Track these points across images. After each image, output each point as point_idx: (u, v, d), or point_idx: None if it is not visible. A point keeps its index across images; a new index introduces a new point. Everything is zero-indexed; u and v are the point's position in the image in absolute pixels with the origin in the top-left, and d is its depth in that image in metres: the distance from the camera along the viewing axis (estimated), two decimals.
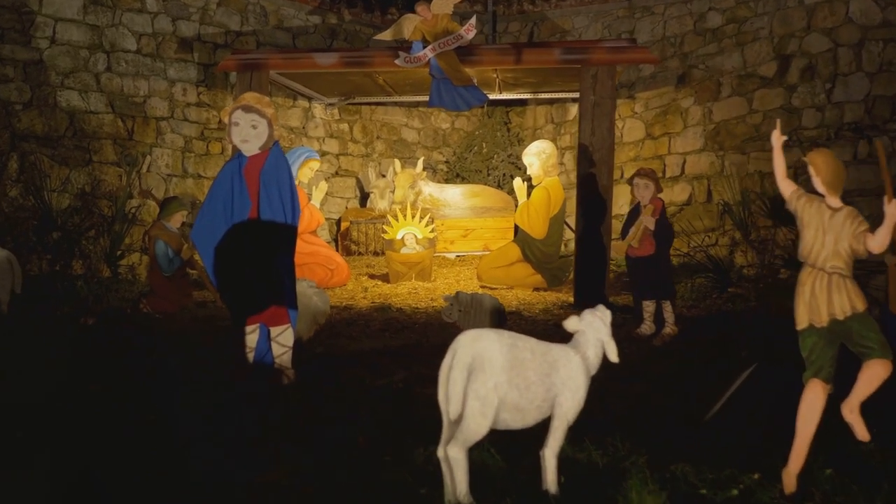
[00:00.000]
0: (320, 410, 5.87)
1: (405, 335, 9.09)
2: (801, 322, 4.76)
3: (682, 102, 14.61)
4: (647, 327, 9.08)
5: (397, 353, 7.94)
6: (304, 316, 7.54)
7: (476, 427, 4.24)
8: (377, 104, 17.41)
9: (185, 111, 14.44)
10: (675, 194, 14.37)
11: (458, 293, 8.47)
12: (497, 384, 4.25)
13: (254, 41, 15.33)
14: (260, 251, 6.41)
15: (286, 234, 6.56)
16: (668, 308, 9.03)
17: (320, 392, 6.33)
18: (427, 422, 5.03)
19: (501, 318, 8.56)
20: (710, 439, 5.33)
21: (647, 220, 8.87)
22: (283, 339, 6.64)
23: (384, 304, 10.97)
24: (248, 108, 6.48)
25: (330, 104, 16.61)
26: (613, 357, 4.68)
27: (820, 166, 4.89)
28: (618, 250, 9.22)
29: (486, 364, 4.27)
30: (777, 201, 11.65)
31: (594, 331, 4.67)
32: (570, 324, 4.64)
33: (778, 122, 5.69)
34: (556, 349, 4.55)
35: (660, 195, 9.06)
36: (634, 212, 9.12)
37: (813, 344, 4.73)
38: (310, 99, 16.33)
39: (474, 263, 14.44)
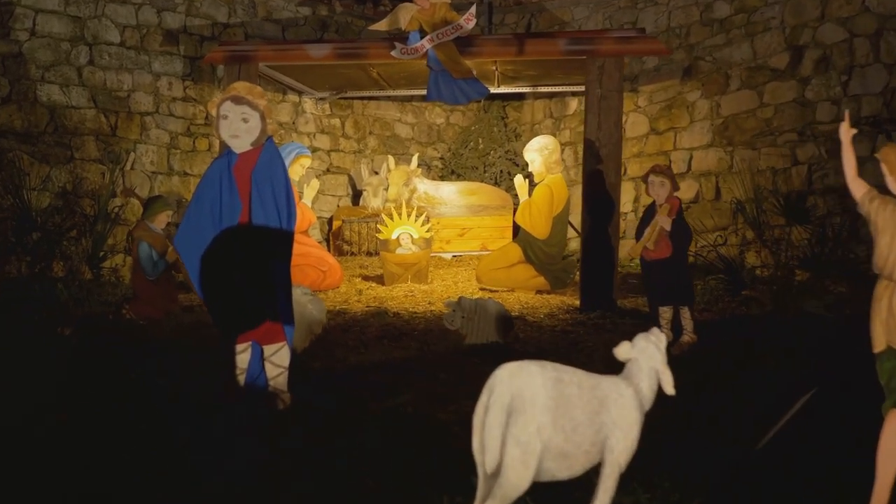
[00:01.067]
0: (320, 443, 5.22)
1: (404, 343, 8.55)
2: (878, 344, 4.16)
3: (689, 96, 14.08)
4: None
5: (399, 366, 7.37)
6: (298, 326, 6.97)
7: (517, 479, 3.61)
8: (370, 98, 16.99)
9: (171, 106, 13.97)
10: (682, 192, 12.94)
11: (460, 299, 8.05)
12: (540, 427, 3.64)
13: (242, 33, 14.89)
14: (252, 259, 5.74)
15: (281, 241, 5.87)
16: (686, 314, 8.49)
17: (319, 417, 5.69)
18: (445, 458, 4.45)
19: (507, 326, 8.12)
20: (764, 475, 4.74)
21: (663, 221, 8.30)
22: (277, 359, 5.96)
23: (380, 309, 10.45)
24: (238, 100, 5.84)
25: (321, 99, 16.20)
26: (669, 389, 4.04)
27: (894, 163, 4.25)
28: (632, 252, 8.69)
29: (528, 404, 3.66)
30: (791, 199, 11.49)
31: (648, 359, 4.07)
32: (622, 351, 4.07)
33: (847, 112, 5.04)
34: (606, 382, 3.96)
35: (676, 193, 8.48)
36: (649, 212, 8.56)
37: (892, 369, 4.11)
38: (300, 93, 15.92)
39: (472, 264, 14.09)
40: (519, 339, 8.72)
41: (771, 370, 6.99)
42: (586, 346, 8.49)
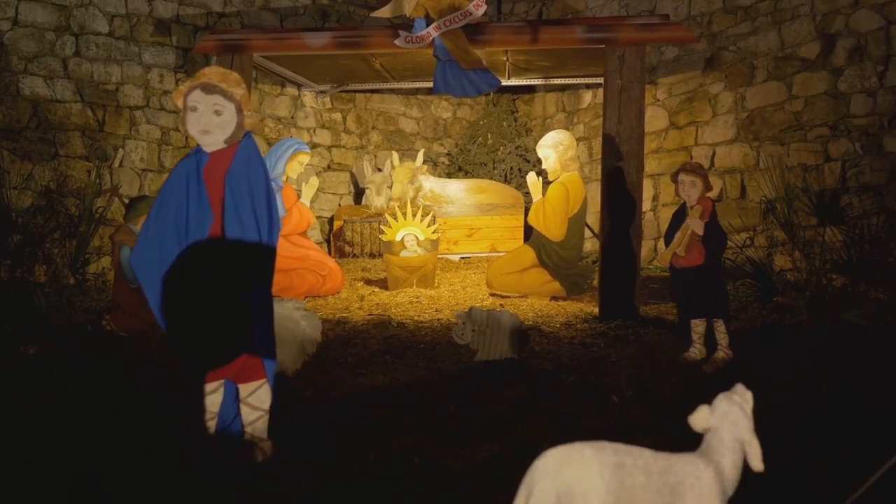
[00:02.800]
0: None
1: (410, 359, 7.78)
2: None
3: (711, 88, 13.40)
4: (696, 351, 7.74)
5: (404, 392, 6.50)
6: (290, 345, 6.26)
7: None
8: (373, 91, 16.47)
9: (163, 100, 13.31)
10: None
11: (471, 309, 7.28)
12: None
13: (238, 23, 14.28)
14: (225, 280, 4.80)
15: (260, 257, 4.95)
16: (720, 328, 7.68)
17: (307, 472, 4.74)
18: None
19: (523, 340, 7.36)
20: None
21: (695, 224, 7.52)
22: (256, 400, 4.97)
23: (383, 318, 9.77)
24: (209, 88, 4.90)
25: (321, 92, 15.69)
26: (758, 464, 3.03)
27: None
28: (661, 260, 7.90)
29: (581, 503, 2.78)
30: (824, 197, 10.68)
31: (732, 427, 3.06)
32: (700, 420, 3.08)
33: None
34: (680, 463, 3.00)
35: (709, 194, 7.70)
36: (680, 214, 7.78)
37: None
38: (299, 86, 15.41)
39: (481, 267, 13.59)
40: (535, 353, 7.98)
41: (826, 396, 6.25)
42: (609, 361, 7.75)
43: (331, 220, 15.73)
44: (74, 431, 5.33)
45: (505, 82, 14.13)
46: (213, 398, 4.97)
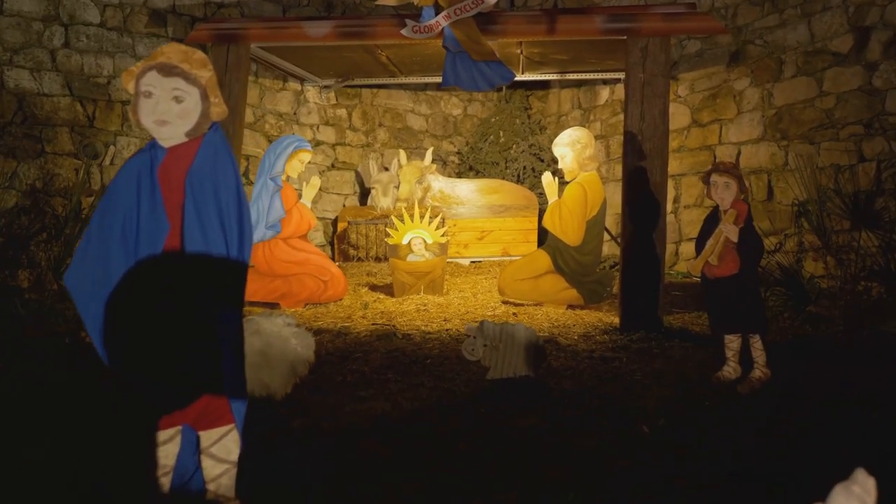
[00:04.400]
0: None
1: (415, 377, 7.07)
2: None
3: (736, 84, 12.85)
4: (730, 370, 7.08)
5: (407, 421, 5.75)
6: (278, 366, 5.55)
7: None
8: (379, 87, 16.08)
9: None
10: None
11: (482, 323, 6.63)
12: None
13: (237, 14, 13.73)
14: (183, 305, 3.95)
15: (228, 277, 4.10)
16: (757, 344, 7.01)
17: None
18: None
19: (539, 357, 6.71)
20: None
21: (729, 230, 6.87)
22: (221, 451, 4.12)
23: (387, 329, 9.14)
24: (167, 69, 4.07)
25: (325, 87, 15.28)
26: None
27: None
28: (692, 268, 7.21)
29: None
30: (858, 199, 10.07)
31: None
32: None
33: None
34: None
35: (743, 196, 7.03)
36: (712, 219, 7.15)
37: None
38: (302, 80, 14.95)
39: (493, 272, 13.10)
40: (552, 369, 7.31)
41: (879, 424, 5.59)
42: (634, 379, 7.09)
43: (335, 222, 15.36)
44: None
45: (518, 77, 13.65)
46: (168, 449, 4.12)
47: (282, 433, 5.22)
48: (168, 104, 4.08)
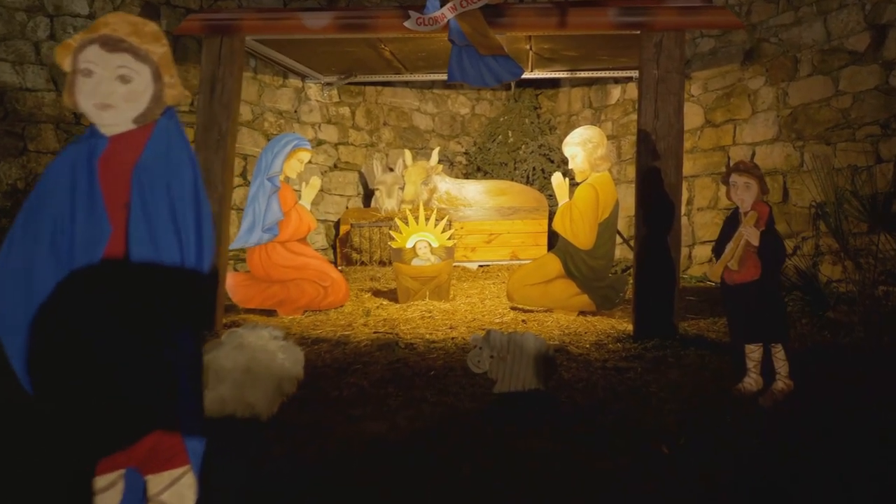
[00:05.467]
0: None
1: (417, 391, 6.65)
2: None
3: (751, 83, 12.68)
4: (752, 381, 6.70)
5: (406, 444, 5.28)
6: (263, 383, 5.10)
7: None
8: (384, 84, 15.86)
9: None
10: None
11: (489, 333, 6.22)
12: None
13: (235, 5, 13.47)
14: (128, 323, 3.35)
15: (184, 289, 3.48)
16: (779, 354, 6.63)
17: None
18: None
19: (549, 368, 6.28)
20: None
21: (750, 233, 6.48)
22: (173, 498, 3.50)
23: (389, 337, 8.76)
24: (111, 43, 3.52)
25: (328, 83, 15.02)
26: None
27: None
28: (712, 274, 6.87)
29: None
30: (876, 200, 10.04)
31: None
32: None
33: None
34: None
35: (765, 197, 6.65)
36: (732, 221, 6.78)
37: None
38: (303, 77, 14.72)
39: (501, 276, 12.93)
40: (563, 381, 6.92)
41: None
42: (649, 391, 6.70)
43: (337, 224, 15.13)
44: None
45: (528, 75, 13.55)
46: (107, 498, 3.52)
47: (261, 464, 4.75)
48: (112, 84, 3.54)
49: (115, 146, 3.54)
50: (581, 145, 10.29)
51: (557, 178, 10.57)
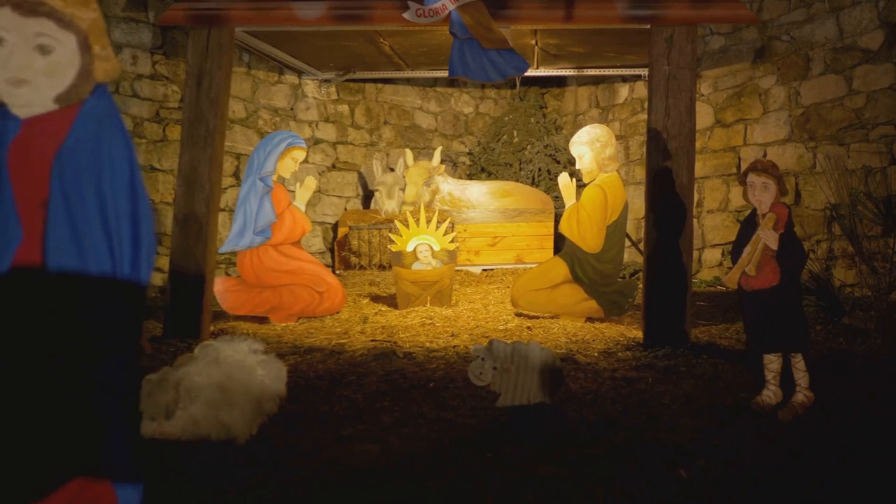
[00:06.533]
0: None
1: (414, 405, 6.25)
2: None
3: (762, 82, 12.43)
4: (770, 394, 6.37)
5: (400, 468, 4.79)
6: (241, 403, 4.63)
7: None
8: (385, 81, 15.59)
9: (136, 85, 11.99)
10: None
11: (492, 343, 5.79)
12: None
13: None
14: (45, 346, 2.82)
15: (115, 305, 2.95)
16: (799, 364, 6.32)
17: None
18: None
19: (556, 381, 5.84)
20: None
21: (768, 236, 6.15)
22: None
23: (387, 347, 8.40)
24: (27, 6, 2.96)
25: (325, 80, 14.75)
26: None
27: None
28: (729, 280, 6.49)
29: None
30: (891, 202, 9.91)
31: None
32: None
33: None
34: None
35: (784, 198, 6.34)
36: (749, 224, 6.45)
37: None
38: (300, 73, 14.38)
39: (505, 281, 12.67)
40: (571, 393, 6.56)
41: None
42: (662, 403, 6.37)
43: (335, 227, 14.84)
44: None
45: (533, 73, 13.46)
46: None
47: (241, 489, 4.31)
48: (28, 56, 3.01)
49: (31, 130, 3.02)
50: (589, 145, 10.06)
51: (564, 179, 10.33)
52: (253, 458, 4.62)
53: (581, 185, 10.40)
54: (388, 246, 11.56)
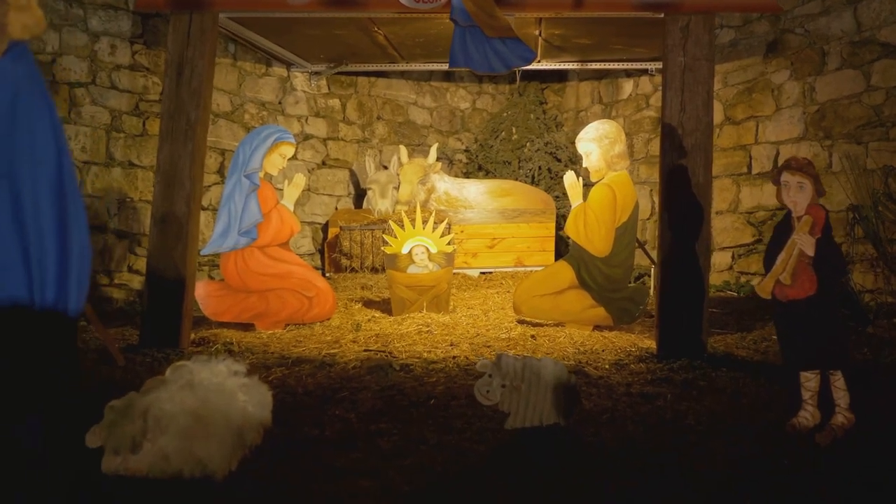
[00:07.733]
0: None
1: (414, 425, 5.73)
2: None
3: (774, 77, 12.20)
4: (808, 416, 5.87)
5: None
6: (219, 433, 4.06)
7: None
8: (378, 75, 15.38)
9: (114, 76, 11.54)
10: (766, 196, 12.13)
11: (500, 358, 5.38)
12: None
13: None
14: None
15: (33, 342, 2.27)
16: (838, 383, 5.82)
17: None
18: None
19: (571, 400, 5.43)
20: None
21: (804, 241, 5.65)
22: None
23: (382, 358, 7.92)
24: None
25: (315, 73, 14.45)
26: None
27: None
28: (761, 289, 5.98)
29: None
30: None
31: None
32: None
33: None
34: None
35: (821, 200, 5.85)
36: (783, 228, 5.95)
37: None
38: (289, 65, 14.12)
39: (505, 285, 12.42)
40: (585, 413, 6.03)
41: None
42: (686, 424, 5.89)
43: (325, 227, 14.60)
44: None
45: (534, 66, 13.21)
46: None
47: None
48: None
49: None
50: (597, 141, 9.66)
51: (570, 178, 9.93)
52: (232, 498, 4.02)
53: (588, 185, 10.00)
54: (382, 248, 11.24)
